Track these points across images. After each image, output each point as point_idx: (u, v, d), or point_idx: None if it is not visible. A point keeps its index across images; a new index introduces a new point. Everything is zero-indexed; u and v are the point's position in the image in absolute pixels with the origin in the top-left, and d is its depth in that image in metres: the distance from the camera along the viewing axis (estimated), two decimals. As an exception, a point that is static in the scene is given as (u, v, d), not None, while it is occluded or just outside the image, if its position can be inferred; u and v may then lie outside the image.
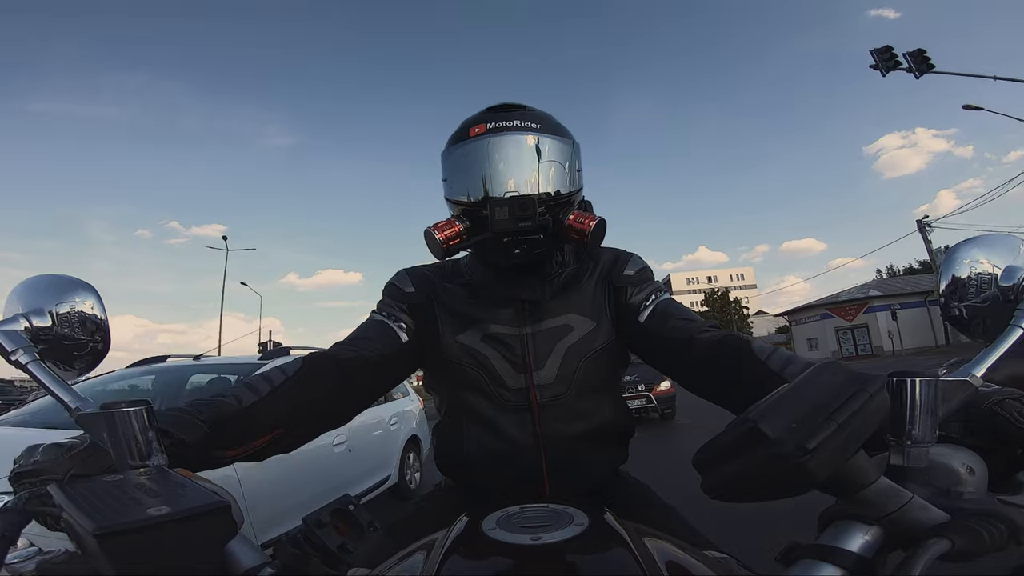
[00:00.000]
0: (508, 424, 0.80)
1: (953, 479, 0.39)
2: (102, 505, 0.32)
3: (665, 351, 0.79)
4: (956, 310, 0.57)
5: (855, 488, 0.35)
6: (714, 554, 0.51)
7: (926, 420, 0.38)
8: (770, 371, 0.64)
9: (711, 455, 0.34)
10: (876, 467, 0.35)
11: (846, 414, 0.31)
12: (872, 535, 0.36)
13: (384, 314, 0.84)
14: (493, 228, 0.72)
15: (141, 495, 0.34)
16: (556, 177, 0.78)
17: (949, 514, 0.35)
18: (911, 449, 0.38)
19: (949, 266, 0.58)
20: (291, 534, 0.41)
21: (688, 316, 0.80)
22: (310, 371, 0.70)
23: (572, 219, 0.76)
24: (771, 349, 0.68)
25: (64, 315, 0.55)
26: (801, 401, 0.32)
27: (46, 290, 0.56)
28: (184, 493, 0.35)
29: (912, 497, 0.35)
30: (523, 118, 0.78)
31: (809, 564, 0.36)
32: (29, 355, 0.51)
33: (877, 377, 0.34)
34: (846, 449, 0.32)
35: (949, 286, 0.57)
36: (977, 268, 0.56)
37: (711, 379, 0.72)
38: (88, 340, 0.56)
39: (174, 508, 0.33)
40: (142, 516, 0.31)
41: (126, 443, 0.44)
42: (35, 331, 0.53)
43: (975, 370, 0.46)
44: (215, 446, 0.57)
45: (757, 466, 0.31)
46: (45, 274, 0.58)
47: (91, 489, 0.35)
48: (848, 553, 0.35)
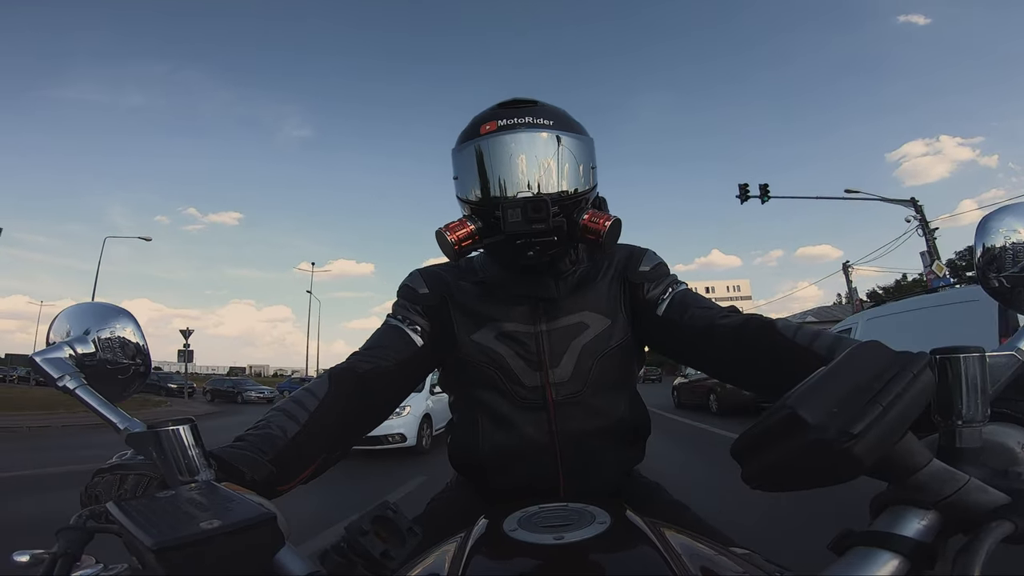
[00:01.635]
0: (524, 422, 0.80)
1: (1009, 458, 0.37)
2: (158, 520, 0.33)
3: (686, 341, 0.77)
4: (995, 281, 0.55)
5: (907, 472, 0.34)
6: (737, 550, 0.50)
7: (976, 398, 0.37)
8: (799, 346, 0.62)
9: (750, 444, 0.34)
10: (927, 450, 0.34)
11: (890, 395, 0.30)
12: (929, 520, 0.35)
13: (399, 318, 0.83)
14: (506, 230, 0.71)
15: (193, 509, 0.35)
16: (570, 175, 0.76)
17: (1008, 495, 0.34)
18: (962, 429, 0.36)
19: (983, 236, 0.55)
20: (335, 543, 0.41)
21: (707, 304, 0.78)
22: (337, 390, 0.70)
23: (587, 218, 0.74)
24: (796, 326, 0.66)
25: (106, 340, 0.57)
26: (840, 384, 0.32)
27: (86, 317, 0.58)
28: (233, 507, 0.36)
29: (968, 479, 0.34)
30: (535, 114, 0.76)
31: (864, 552, 0.35)
32: (76, 380, 0.53)
33: (920, 355, 0.33)
34: (893, 432, 0.31)
35: (984, 256, 0.55)
36: (1012, 237, 0.54)
37: (736, 363, 0.71)
38: (130, 364, 0.59)
39: (225, 521, 0.33)
40: (196, 530, 0.32)
41: (175, 460, 0.45)
42: (79, 357, 0.56)
43: (1021, 343, 0.44)
44: (277, 482, 0.57)
45: (799, 454, 0.30)
46: (85, 302, 0.61)
47: (147, 505, 0.36)
48: (905, 539, 0.34)
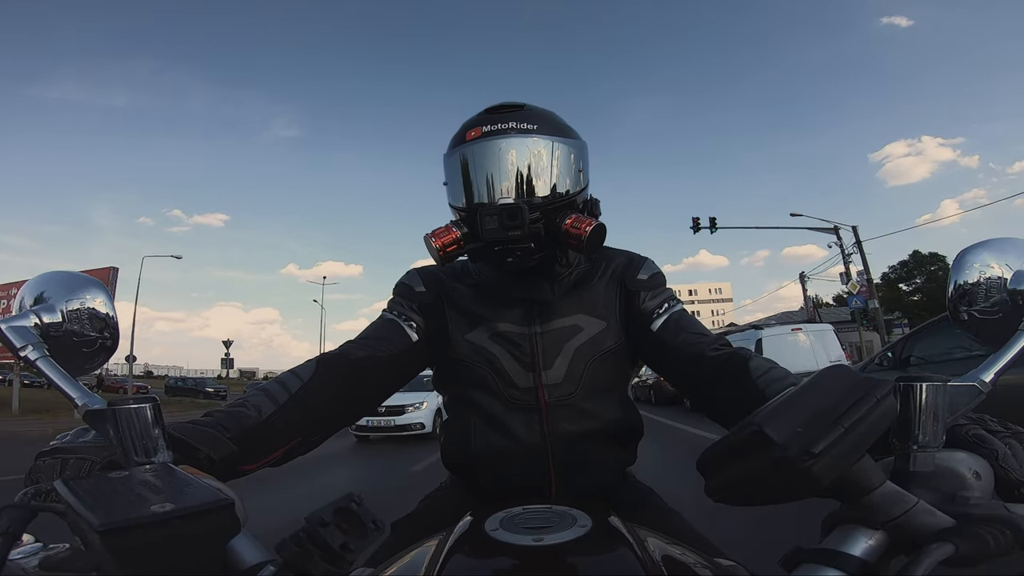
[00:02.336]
0: (516, 423, 0.80)
1: (959, 484, 0.38)
2: (107, 501, 0.33)
3: (675, 365, 0.78)
4: (964, 314, 0.57)
5: (860, 493, 0.34)
6: (721, 561, 0.50)
7: (932, 425, 0.38)
8: (757, 389, 0.63)
9: (715, 458, 0.34)
10: (881, 472, 0.35)
11: (852, 418, 0.31)
12: (876, 540, 0.35)
13: (395, 313, 0.84)
14: (483, 237, 0.72)
15: (146, 492, 0.34)
16: (553, 180, 0.76)
17: (955, 519, 0.35)
18: (917, 454, 0.37)
19: (958, 270, 0.57)
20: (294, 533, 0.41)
21: (700, 331, 0.79)
22: (324, 374, 0.70)
23: (569, 223, 0.73)
24: (767, 367, 0.66)
25: (74, 312, 0.56)
26: (807, 405, 0.32)
27: (56, 287, 0.57)
28: (189, 491, 0.35)
29: (917, 502, 0.35)
30: (520, 119, 0.76)
31: (812, 568, 0.35)
32: (38, 351, 0.52)
33: (884, 382, 0.34)
34: (852, 453, 0.32)
35: (957, 290, 0.57)
36: (987, 272, 0.55)
37: (715, 399, 0.72)
38: (97, 337, 0.57)
39: (178, 505, 0.33)
40: (146, 513, 0.32)
41: (132, 440, 0.44)
42: (45, 327, 0.54)
43: (983, 375, 0.46)
44: (239, 461, 0.57)
45: (762, 470, 0.31)
46: (55, 271, 0.59)
47: (96, 485, 0.35)
48: (852, 558, 0.35)
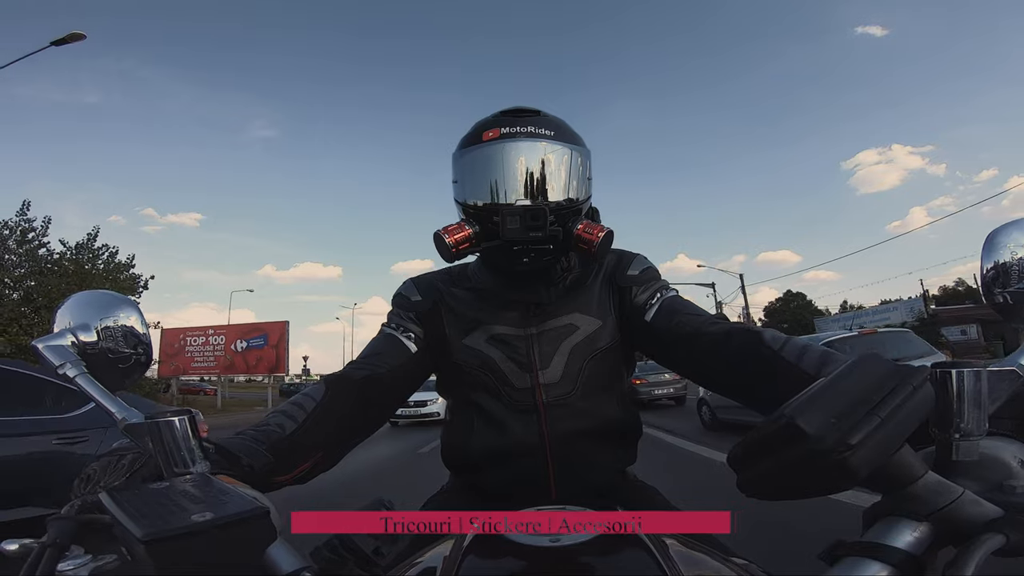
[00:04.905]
0: (515, 424, 0.81)
1: (1005, 473, 0.37)
2: (149, 511, 0.34)
3: (673, 346, 0.78)
4: (999, 296, 0.55)
5: (901, 484, 0.34)
6: (735, 559, 0.49)
7: (974, 412, 0.36)
8: (786, 361, 0.62)
9: (747, 452, 0.34)
10: (923, 462, 0.34)
11: (889, 407, 0.30)
12: (921, 532, 0.34)
13: (392, 326, 0.86)
14: (504, 236, 0.73)
15: (186, 501, 0.35)
16: (567, 186, 0.78)
17: (1002, 508, 0.34)
18: (960, 443, 0.36)
19: (990, 251, 0.55)
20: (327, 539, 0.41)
21: (695, 311, 0.79)
22: (333, 394, 0.72)
23: (581, 229, 0.76)
24: (784, 339, 0.66)
25: (108, 330, 0.58)
26: (840, 395, 0.31)
27: (91, 306, 0.59)
28: (226, 500, 0.36)
29: (963, 492, 0.34)
30: (537, 124, 0.78)
31: (855, 562, 0.34)
32: (77, 368, 0.54)
33: (920, 369, 0.33)
34: (890, 444, 0.31)
35: (990, 271, 0.55)
36: (1019, 252, 0.53)
37: (720, 371, 0.72)
38: (132, 353, 0.59)
39: (217, 514, 0.34)
40: (187, 522, 0.32)
41: (171, 451, 0.46)
42: (81, 346, 0.56)
43: (1022, 359, 0.44)
44: (274, 472, 0.59)
45: (795, 463, 0.30)
46: (90, 291, 0.62)
47: (139, 496, 0.36)
48: (896, 550, 0.34)
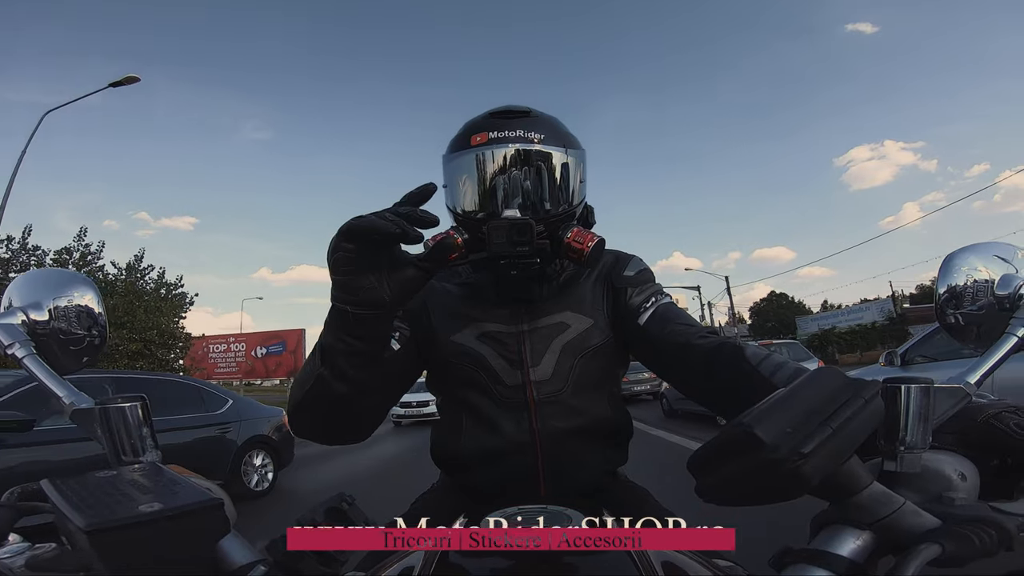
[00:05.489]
0: (506, 421, 0.80)
1: (945, 485, 0.39)
2: (94, 501, 0.32)
3: (663, 354, 0.79)
4: (952, 317, 0.57)
5: (848, 493, 0.35)
6: (718, 561, 0.50)
7: (919, 426, 0.38)
8: (760, 375, 0.64)
9: (705, 459, 0.34)
10: (869, 472, 0.36)
11: (841, 419, 0.31)
12: (864, 540, 0.36)
13: None
14: (490, 251, 0.72)
15: (133, 491, 0.34)
16: (558, 193, 0.76)
17: (941, 520, 0.35)
18: (904, 455, 0.38)
19: (946, 273, 0.57)
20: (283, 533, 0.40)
21: (687, 321, 0.80)
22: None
23: (571, 237, 0.74)
24: (764, 354, 0.67)
25: (61, 309, 0.55)
26: (796, 406, 0.32)
27: (44, 284, 0.56)
28: (177, 490, 0.35)
29: (904, 503, 0.35)
30: (527, 127, 0.75)
31: (801, 568, 0.36)
32: (25, 349, 0.51)
33: (872, 383, 0.34)
34: (840, 454, 0.32)
35: (945, 293, 0.57)
36: (974, 275, 0.56)
37: (706, 385, 0.73)
38: (85, 335, 0.56)
39: (166, 505, 0.32)
40: (133, 512, 0.31)
41: (120, 439, 0.44)
42: (32, 325, 0.53)
43: (969, 378, 0.46)
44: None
45: (751, 470, 0.31)
46: (42, 268, 0.59)
47: (83, 485, 0.35)
48: (840, 558, 0.35)
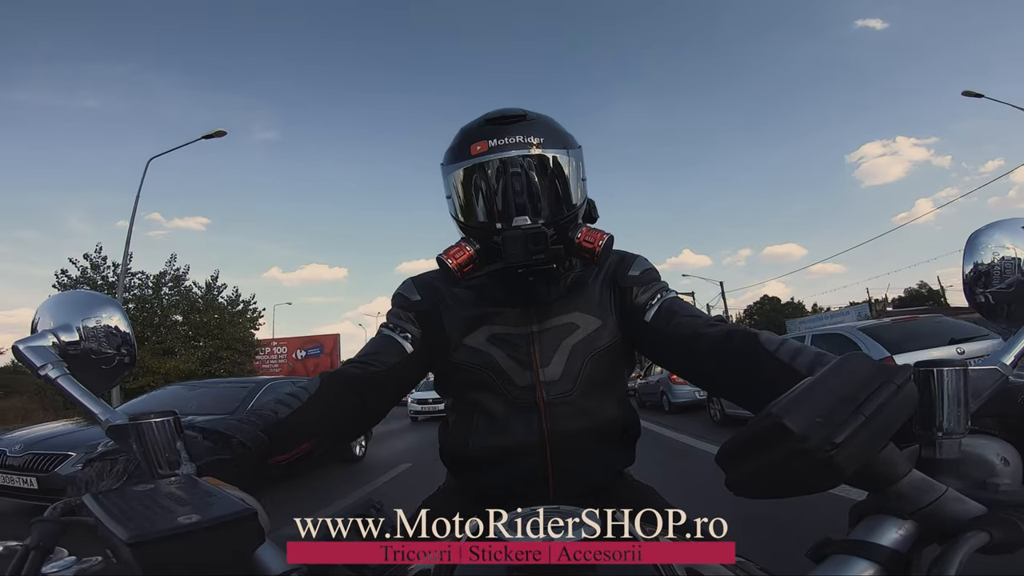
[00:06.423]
0: (516, 422, 0.81)
1: (988, 470, 0.38)
2: (135, 514, 0.33)
3: (671, 348, 0.78)
4: (981, 296, 0.56)
5: (886, 482, 0.34)
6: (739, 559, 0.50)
7: (957, 410, 0.37)
8: (780, 362, 0.63)
9: (734, 451, 0.34)
10: (907, 460, 0.35)
11: (873, 406, 0.30)
12: (906, 529, 0.35)
13: (390, 327, 0.86)
14: (506, 261, 0.73)
15: (171, 503, 0.35)
16: (563, 195, 0.77)
17: (985, 506, 0.34)
18: (943, 440, 0.37)
19: (972, 251, 0.56)
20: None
21: (694, 312, 0.80)
22: (326, 388, 0.75)
23: (582, 237, 0.76)
24: (780, 340, 0.66)
25: (91, 330, 0.57)
26: (826, 394, 0.32)
27: (72, 306, 0.58)
28: (212, 501, 0.36)
29: (946, 490, 0.34)
30: (525, 132, 0.76)
31: (841, 559, 0.35)
32: (58, 370, 0.53)
33: (904, 367, 0.33)
34: (875, 442, 0.31)
35: (972, 272, 0.56)
36: (1001, 252, 0.54)
37: (719, 373, 0.72)
38: (115, 354, 0.58)
39: (203, 516, 0.33)
40: (173, 524, 0.32)
41: (155, 453, 0.45)
42: (63, 346, 0.55)
43: (1004, 358, 0.45)
44: (270, 452, 0.64)
45: (782, 462, 0.30)
46: (71, 291, 0.60)
47: (124, 498, 0.36)
48: (882, 548, 0.34)
